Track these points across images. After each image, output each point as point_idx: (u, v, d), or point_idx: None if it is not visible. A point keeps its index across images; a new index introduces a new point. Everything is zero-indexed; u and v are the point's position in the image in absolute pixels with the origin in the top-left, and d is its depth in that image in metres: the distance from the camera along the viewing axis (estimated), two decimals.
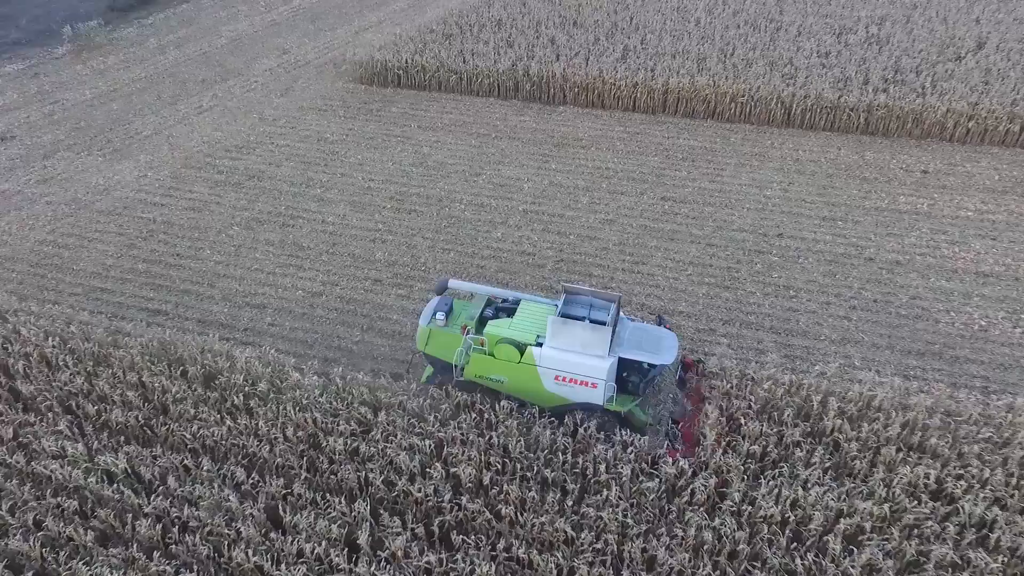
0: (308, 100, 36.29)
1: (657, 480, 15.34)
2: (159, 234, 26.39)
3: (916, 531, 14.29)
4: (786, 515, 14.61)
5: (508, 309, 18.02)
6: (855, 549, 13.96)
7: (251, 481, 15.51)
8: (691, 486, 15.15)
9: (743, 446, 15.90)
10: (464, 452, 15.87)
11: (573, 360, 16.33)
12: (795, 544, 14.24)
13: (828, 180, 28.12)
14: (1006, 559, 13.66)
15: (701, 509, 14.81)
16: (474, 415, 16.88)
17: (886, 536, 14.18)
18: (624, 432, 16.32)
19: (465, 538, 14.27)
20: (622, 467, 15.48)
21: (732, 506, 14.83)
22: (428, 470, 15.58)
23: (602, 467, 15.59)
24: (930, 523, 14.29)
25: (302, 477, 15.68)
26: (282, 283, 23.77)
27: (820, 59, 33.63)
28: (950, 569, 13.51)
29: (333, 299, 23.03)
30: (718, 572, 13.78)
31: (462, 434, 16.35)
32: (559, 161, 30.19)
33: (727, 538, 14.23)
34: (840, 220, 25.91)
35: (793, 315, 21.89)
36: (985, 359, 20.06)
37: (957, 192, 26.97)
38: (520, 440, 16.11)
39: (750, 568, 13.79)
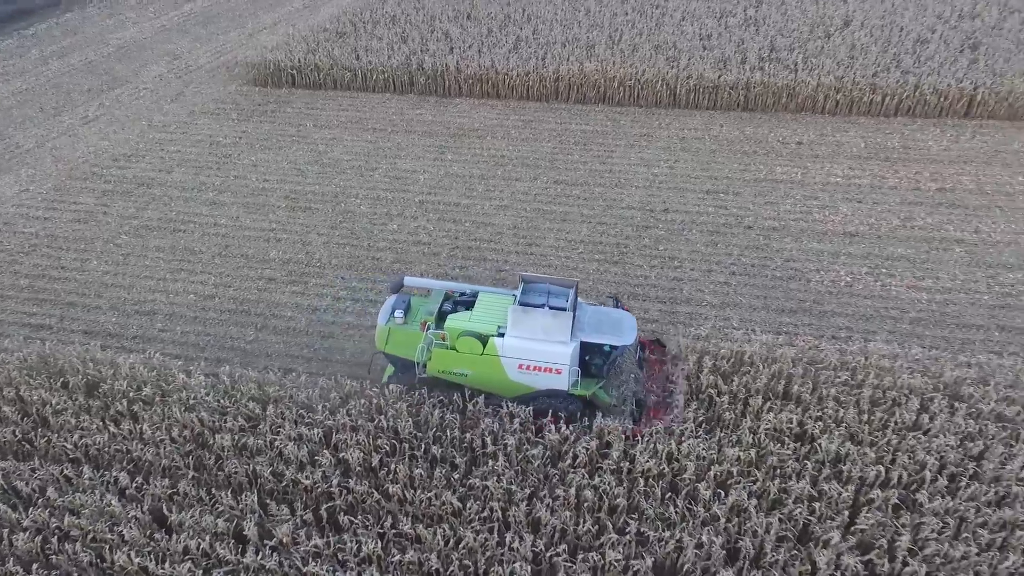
0: (200, 104, 35.56)
1: (541, 447, 15.93)
2: (42, 248, 25.50)
3: (779, 471, 15.31)
4: (662, 468, 15.44)
5: (467, 302, 17.94)
6: (723, 492, 14.86)
7: (135, 485, 15.34)
8: (573, 449, 15.82)
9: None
10: (353, 437, 16.09)
11: (536, 348, 16.47)
12: (670, 494, 15.05)
13: (711, 156, 29.41)
14: (855, 488, 14.79)
15: (583, 470, 15.47)
16: (363, 401, 17.10)
17: (752, 478, 15.15)
18: (510, 404, 16.85)
19: (352, 519, 14.52)
20: (508, 438, 16.01)
21: (612, 464, 15.55)
22: (317, 458, 15.74)
23: (488, 439, 16.09)
24: (791, 463, 15.34)
25: (189, 476, 15.60)
26: (173, 288, 23.37)
27: (702, 42, 35.04)
28: (807, 501, 14.54)
29: (226, 300, 22.80)
30: (597, 526, 14.44)
31: (351, 420, 16.56)
32: (455, 152, 30.58)
33: (607, 494, 14.93)
34: (722, 193, 27.17)
35: (678, 284, 22.90)
36: (850, 311, 21.50)
37: (827, 160, 28.64)
38: (409, 421, 16.43)
39: (629, 520, 14.49)
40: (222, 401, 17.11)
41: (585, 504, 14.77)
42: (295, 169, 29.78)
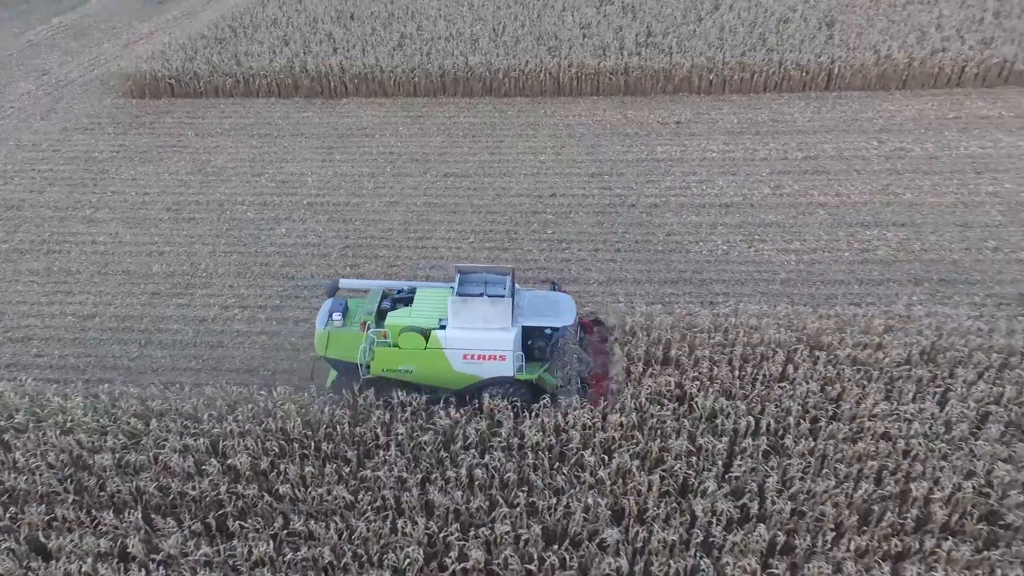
0: (73, 120, 34.02)
1: (432, 432, 16.18)
2: None
3: (659, 432, 16.08)
4: (549, 441, 15.96)
5: (405, 299, 17.82)
6: (607, 457, 15.50)
7: (9, 515, 14.72)
8: (464, 431, 16.14)
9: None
10: (241, 443, 15.92)
11: (478, 336, 16.49)
12: (558, 464, 15.59)
13: (595, 140, 30.32)
14: (729, 439, 15.71)
15: (473, 450, 15.82)
16: (251, 406, 16.91)
17: (635, 440, 15.85)
18: (401, 393, 17.02)
19: (242, 523, 14.39)
20: (399, 427, 16.19)
21: (502, 442, 15.96)
22: (204, 467, 15.50)
23: (380, 431, 16.22)
24: (670, 422, 16.13)
25: (69, 500, 15.08)
26: (49, 312, 22.37)
27: (582, 30, 35.99)
28: (684, 455, 15.35)
29: (107, 319, 22.01)
30: (488, 502, 14.82)
31: (239, 426, 16.36)
32: (344, 152, 30.40)
33: (497, 471, 15.33)
34: (606, 174, 28.07)
35: (567, 264, 23.57)
36: (726, 277, 22.66)
37: (704, 137, 30.00)
38: (298, 421, 16.38)
39: (519, 493, 14.92)
40: (102, 420, 16.58)
41: (477, 483, 15.12)
42: (177, 180, 28.94)
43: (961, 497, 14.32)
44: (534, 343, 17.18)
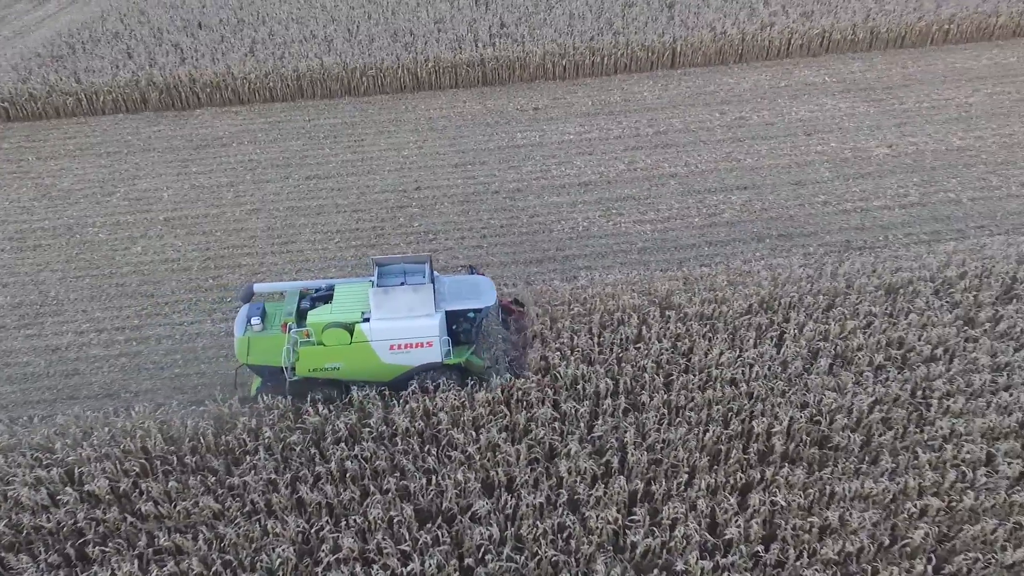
0: None
1: (300, 432, 16.12)
2: None
3: (525, 403, 16.68)
4: (418, 424, 16.25)
5: (324, 297, 17.46)
6: (475, 432, 15.95)
7: None
8: (333, 426, 16.19)
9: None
10: (98, 466, 15.32)
11: (403, 325, 16.43)
12: (428, 446, 15.90)
13: (457, 131, 30.73)
14: (591, 402, 16.51)
15: (343, 444, 15.90)
16: (107, 428, 16.29)
17: (500, 415, 16.37)
18: (268, 397, 16.85)
19: (103, 548, 13.91)
20: (266, 431, 16.04)
21: (372, 432, 16.12)
22: (59, 497, 14.84)
23: (247, 437, 16.02)
24: (536, 392, 16.76)
25: None
26: None
27: (436, 25, 36.27)
28: (550, 423, 16.01)
29: None
30: (360, 491, 14.96)
31: (95, 450, 15.74)
32: (200, 164, 29.44)
33: (368, 460, 15.48)
34: (469, 164, 28.54)
35: (434, 255, 23.79)
36: (587, 252, 23.62)
37: (561, 121, 30.99)
38: (159, 438, 15.93)
39: (391, 479, 15.13)
40: None
41: (348, 475, 15.22)
42: (19, 207, 27.20)
43: (797, 428, 15.71)
44: (459, 327, 17.44)
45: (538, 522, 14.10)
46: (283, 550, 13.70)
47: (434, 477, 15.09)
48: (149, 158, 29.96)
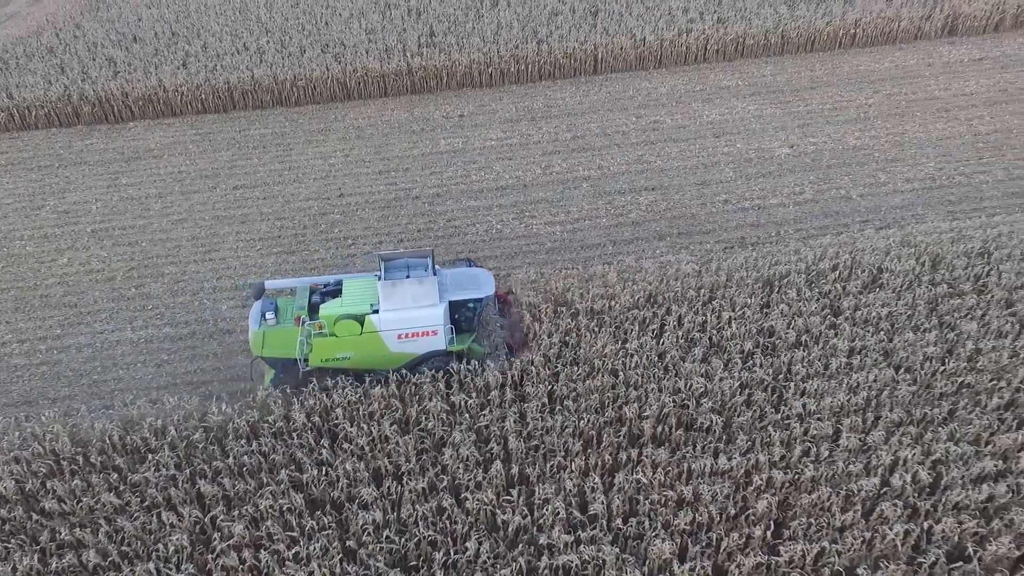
0: None
1: (203, 430, 17.05)
2: None
3: (418, 397, 17.76)
4: (315, 420, 17.28)
5: (333, 292, 18.65)
6: (366, 427, 17.02)
7: None
8: (235, 424, 17.14)
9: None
10: (7, 469, 16.12)
11: (411, 315, 17.63)
12: (323, 439, 16.92)
13: (384, 139, 31.76)
14: (480, 394, 17.64)
15: (243, 439, 16.87)
16: (18, 433, 17.07)
17: (394, 409, 17.44)
18: (174, 398, 17.75)
19: (5, 544, 14.74)
20: (170, 429, 16.95)
21: (271, 427, 17.11)
22: None
23: (151, 436, 16.92)
24: (427, 386, 17.84)
25: None
26: None
27: (368, 35, 37.25)
28: (438, 415, 17.14)
29: None
30: (256, 483, 15.94)
31: (3, 454, 16.52)
32: (130, 176, 30.13)
33: (265, 456, 16.47)
34: (393, 171, 29.59)
35: (351, 260, 24.86)
36: (499, 253, 24.78)
37: (484, 128, 32.17)
38: (65, 438, 16.75)
39: (287, 471, 16.12)
40: None
41: (245, 468, 16.19)
42: None
43: (667, 412, 16.99)
44: (460, 315, 18.72)
45: (417, 506, 15.21)
46: (178, 539, 14.65)
47: (327, 469, 16.16)
48: (80, 171, 30.58)
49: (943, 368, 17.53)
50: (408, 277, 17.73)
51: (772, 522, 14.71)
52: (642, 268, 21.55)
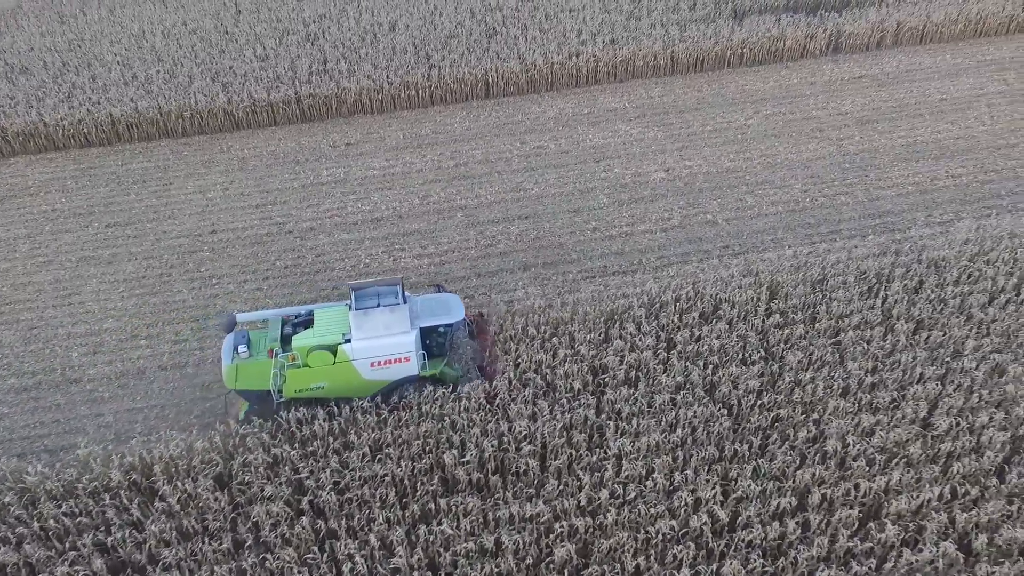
0: None
1: (17, 492, 16.76)
2: None
3: (241, 448, 17.67)
4: (134, 477, 17.06)
5: (305, 322, 18.80)
6: (182, 483, 16.85)
7: None
8: (47, 485, 16.86)
9: None
10: None
11: (383, 343, 17.85)
12: (139, 498, 16.72)
13: (267, 170, 31.51)
14: (301, 446, 17.59)
15: (54, 503, 16.61)
16: None
17: (213, 464, 17.29)
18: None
19: None
20: None
21: (86, 487, 16.86)
22: None
23: None
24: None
25: None
26: None
27: (259, 62, 36.98)
28: (260, 466, 17.05)
29: None
30: (62, 550, 15.71)
31: None
32: (1, 216, 29.51)
33: (76, 516, 16.24)
34: (271, 204, 29.36)
35: (213, 300, 24.61)
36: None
37: (369, 156, 32.08)
38: None
39: (94, 532, 15.91)
40: None
41: (52, 532, 15.95)
42: None
43: (486, 456, 17.05)
44: (432, 341, 19.02)
45: (217, 567, 15.09)
46: None
47: (131, 530, 15.96)
48: None
49: (760, 401, 17.88)
50: (379, 305, 18.09)
51: (572, 569, 14.86)
52: (491, 302, 21.66)
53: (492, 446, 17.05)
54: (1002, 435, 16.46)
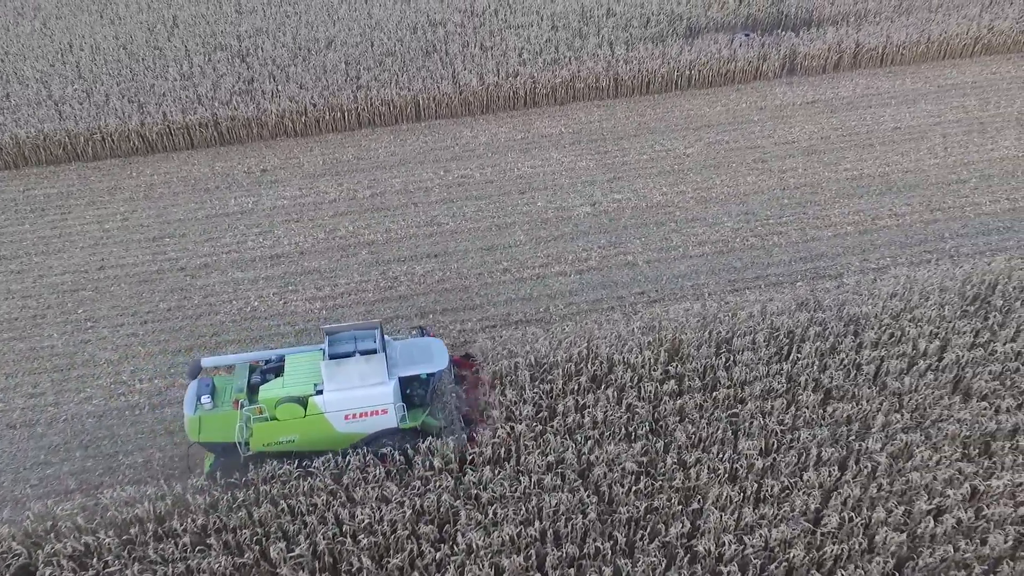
0: None
1: None
2: None
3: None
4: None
5: (275, 369, 17.11)
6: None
7: None
8: None
9: None
10: None
11: (357, 395, 16.37)
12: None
13: (173, 199, 29.66)
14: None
15: None
16: None
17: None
18: None
19: None
20: None
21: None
22: None
23: None
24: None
25: None
26: None
27: (182, 81, 35.18)
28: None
29: None
30: None
31: None
32: None
33: None
34: (168, 237, 27.51)
35: (84, 346, 22.77)
36: (245, 336, 22.75)
37: (283, 184, 30.21)
38: None
39: None
40: None
41: None
42: None
43: (319, 550, 15.13)
44: (413, 390, 17.37)
45: None
46: None
47: None
48: None
49: (637, 487, 15.90)
50: (355, 352, 16.31)
51: None
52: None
53: (327, 537, 15.16)
54: (897, 536, 14.45)
